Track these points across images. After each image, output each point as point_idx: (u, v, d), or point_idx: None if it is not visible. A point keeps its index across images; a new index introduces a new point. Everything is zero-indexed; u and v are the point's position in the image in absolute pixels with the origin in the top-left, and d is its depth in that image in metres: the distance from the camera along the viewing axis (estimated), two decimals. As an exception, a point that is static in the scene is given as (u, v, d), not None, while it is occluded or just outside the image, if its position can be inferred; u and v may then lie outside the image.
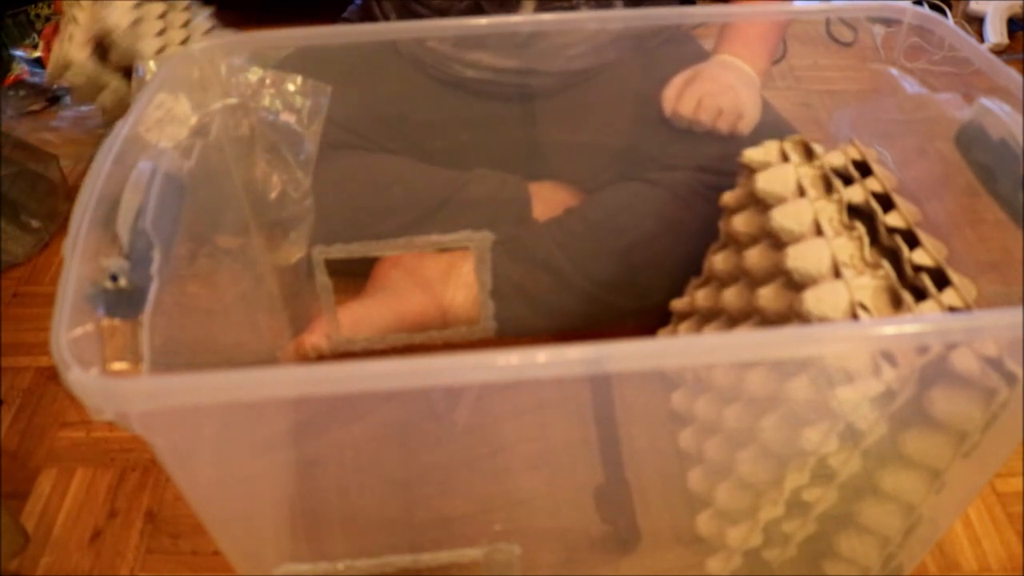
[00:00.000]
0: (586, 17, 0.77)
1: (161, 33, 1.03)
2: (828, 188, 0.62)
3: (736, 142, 0.75)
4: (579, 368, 0.37)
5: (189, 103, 0.56)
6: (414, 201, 0.85)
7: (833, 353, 0.47)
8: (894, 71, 0.67)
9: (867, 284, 0.54)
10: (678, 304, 0.79)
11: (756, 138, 0.70)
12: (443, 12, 0.86)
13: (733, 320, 0.68)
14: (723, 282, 0.71)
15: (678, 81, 0.82)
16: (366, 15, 0.95)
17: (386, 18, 0.91)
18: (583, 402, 0.78)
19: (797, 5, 0.83)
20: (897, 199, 0.59)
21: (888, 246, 0.57)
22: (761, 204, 0.65)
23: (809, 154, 0.66)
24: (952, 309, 0.52)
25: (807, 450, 0.52)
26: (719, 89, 0.80)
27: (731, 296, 0.68)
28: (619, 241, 0.82)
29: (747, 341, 0.42)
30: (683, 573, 0.66)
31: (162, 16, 1.04)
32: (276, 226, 0.69)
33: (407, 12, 0.88)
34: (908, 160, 0.65)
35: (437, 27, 0.74)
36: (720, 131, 0.80)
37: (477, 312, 0.84)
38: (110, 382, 0.36)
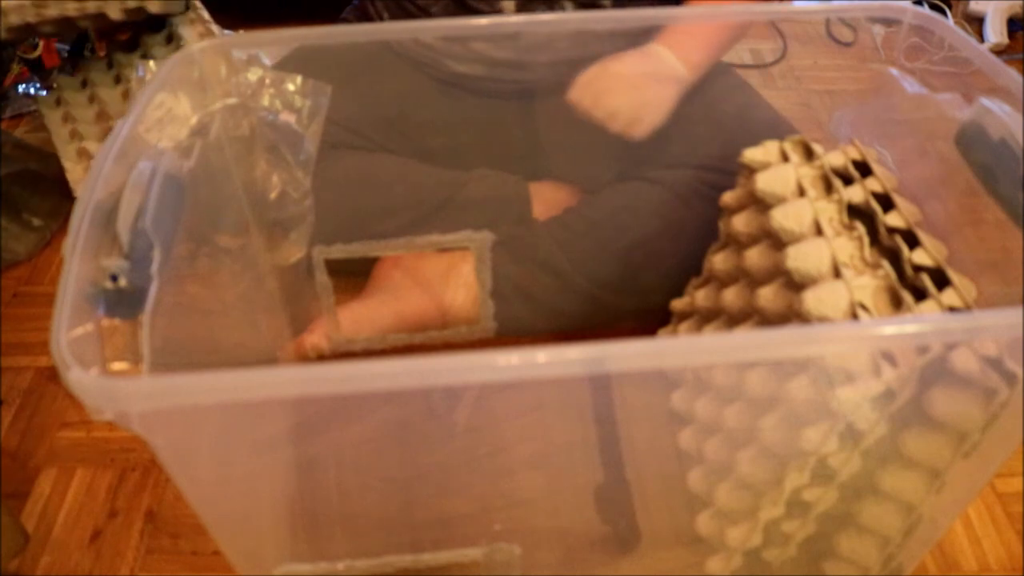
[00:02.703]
0: (571, 18, 0.75)
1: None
2: (828, 188, 0.62)
3: (736, 142, 0.75)
4: (579, 368, 0.37)
5: (189, 103, 0.56)
6: (414, 201, 0.85)
7: (833, 353, 0.47)
8: (894, 71, 0.66)
9: (867, 284, 0.54)
10: (678, 304, 0.79)
11: (756, 138, 0.69)
12: (425, 9, 0.85)
13: (733, 320, 0.68)
14: (723, 282, 0.71)
15: (592, 71, 0.78)
16: (362, 15, 0.95)
17: (380, 17, 0.91)
18: (583, 402, 0.78)
19: (797, 5, 0.83)
20: (897, 199, 0.59)
21: (888, 246, 0.57)
22: (761, 204, 0.65)
23: (809, 154, 0.66)
24: (952, 309, 0.52)
25: (807, 450, 0.52)
26: (622, 88, 0.76)
27: (731, 296, 0.68)
28: (619, 241, 0.82)
29: (747, 341, 0.42)
30: (683, 573, 0.66)
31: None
32: (276, 226, 0.69)
33: (399, 11, 0.88)
34: (908, 160, 0.65)
35: (431, 27, 0.76)
36: (612, 132, 0.77)
37: (477, 312, 0.84)
38: (110, 382, 0.35)
